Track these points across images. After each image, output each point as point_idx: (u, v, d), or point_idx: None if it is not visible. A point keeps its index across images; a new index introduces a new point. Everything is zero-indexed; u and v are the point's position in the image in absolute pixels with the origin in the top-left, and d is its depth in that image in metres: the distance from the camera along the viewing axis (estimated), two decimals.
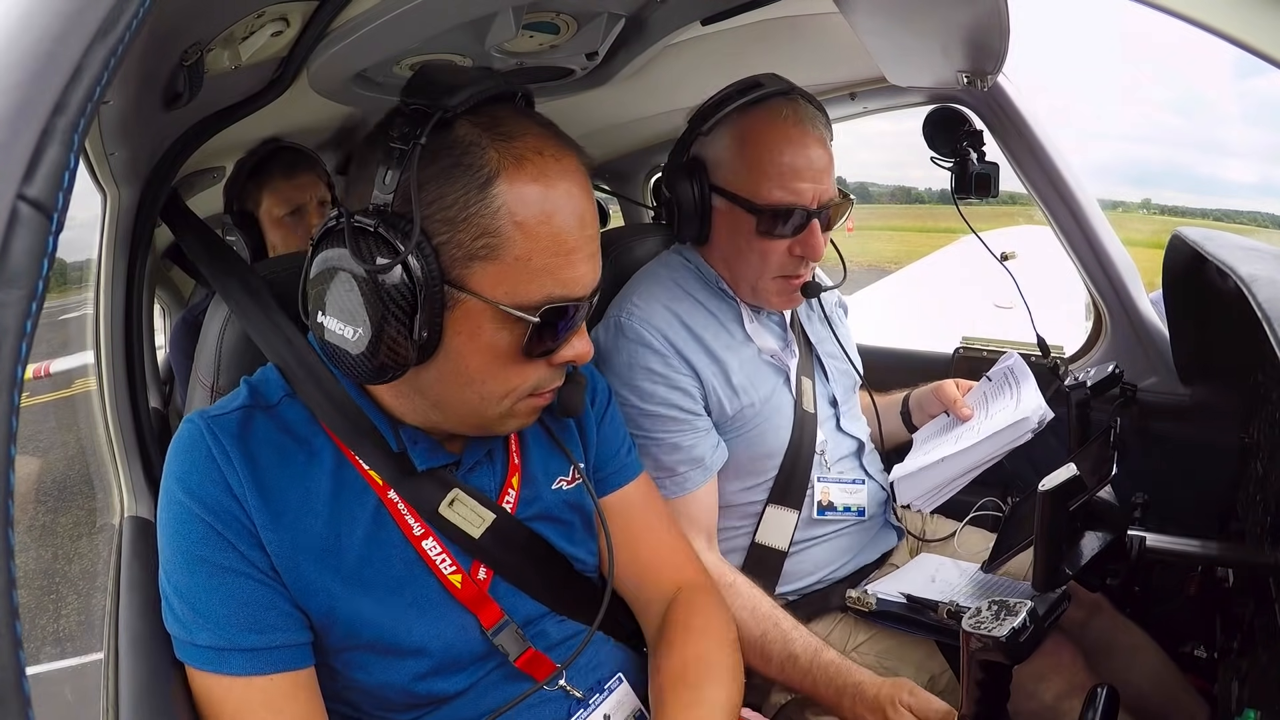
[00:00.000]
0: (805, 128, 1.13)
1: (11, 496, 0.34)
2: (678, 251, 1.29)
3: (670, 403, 1.14)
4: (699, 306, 1.22)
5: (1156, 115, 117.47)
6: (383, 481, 0.81)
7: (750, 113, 1.15)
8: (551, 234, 0.72)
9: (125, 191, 0.96)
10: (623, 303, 1.20)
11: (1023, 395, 1.28)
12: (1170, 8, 0.59)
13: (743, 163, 1.14)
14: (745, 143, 1.14)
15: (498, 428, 0.82)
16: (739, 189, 1.15)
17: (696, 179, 1.17)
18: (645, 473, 1.04)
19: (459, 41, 1.06)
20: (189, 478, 0.74)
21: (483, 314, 0.72)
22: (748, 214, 1.15)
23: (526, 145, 0.71)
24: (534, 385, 0.78)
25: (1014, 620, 0.71)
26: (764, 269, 1.18)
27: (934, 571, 1.28)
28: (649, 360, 1.14)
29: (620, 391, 1.13)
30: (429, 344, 0.72)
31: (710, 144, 1.18)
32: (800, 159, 1.12)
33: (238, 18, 0.79)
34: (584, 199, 0.75)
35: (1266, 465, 0.85)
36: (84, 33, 0.35)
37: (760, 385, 1.22)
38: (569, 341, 0.78)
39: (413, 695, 0.81)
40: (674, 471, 1.14)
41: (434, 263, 0.69)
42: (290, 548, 0.75)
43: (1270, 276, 0.77)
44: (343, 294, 0.70)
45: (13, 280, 0.32)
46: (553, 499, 0.91)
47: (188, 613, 0.73)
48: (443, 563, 0.82)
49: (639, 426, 1.13)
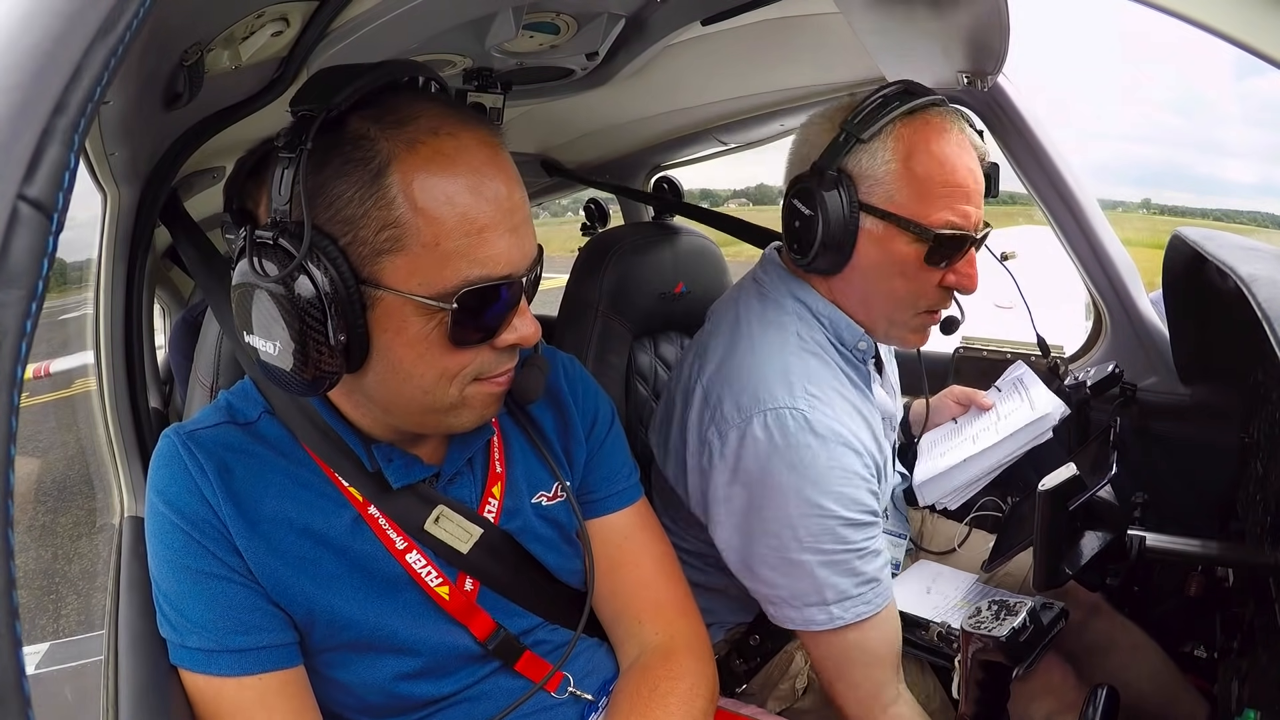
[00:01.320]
0: (968, 144, 1.01)
1: (11, 496, 0.34)
2: (799, 298, 1.08)
3: (872, 508, 0.99)
4: (851, 386, 1.05)
5: (1156, 115, 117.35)
6: (362, 498, 0.80)
7: (915, 122, 0.99)
8: (457, 214, 0.68)
9: (125, 191, 0.96)
10: (785, 388, 0.98)
11: (1035, 397, 1.29)
12: (1170, 8, 0.59)
13: (910, 181, 0.98)
14: (914, 157, 0.98)
15: (456, 422, 0.77)
16: (905, 210, 0.98)
17: (846, 196, 1.00)
18: (642, 503, 0.99)
19: (459, 41, 1.06)
20: (168, 490, 0.76)
21: (403, 308, 0.69)
22: (916, 240, 0.98)
23: (420, 128, 0.68)
24: (477, 371, 0.75)
25: (1014, 620, 0.71)
26: (914, 304, 1.04)
27: (931, 581, 1.28)
28: (852, 463, 0.97)
29: (819, 501, 0.95)
30: (354, 348, 0.70)
31: (864, 155, 1.00)
32: (970, 179, 1.00)
33: (238, 18, 0.79)
34: (493, 171, 0.70)
35: (1266, 465, 0.85)
36: (84, 33, 0.35)
37: (887, 452, 1.11)
38: (508, 324, 0.74)
39: (394, 696, 0.81)
40: (878, 581, 0.99)
41: (343, 265, 0.67)
42: (266, 555, 0.76)
43: (1270, 276, 0.77)
44: (261, 311, 0.68)
45: (13, 280, 0.32)
46: (532, 512, 0.90)
47: (177, 618, 0.75)
48: (429, 575, 0.82)
49: (842, 541, 0.96)
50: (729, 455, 0.99)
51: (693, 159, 2.22)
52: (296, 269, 0.65)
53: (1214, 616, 1.06)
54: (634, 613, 0.93)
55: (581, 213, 2.46)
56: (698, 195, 2.03)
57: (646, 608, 0.94)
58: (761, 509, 0.97)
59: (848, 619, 0.97)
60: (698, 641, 0.94)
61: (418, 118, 0.69)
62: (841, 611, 0.97)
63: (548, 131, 1.98)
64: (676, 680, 0.87)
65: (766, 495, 0.97)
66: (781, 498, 0.95)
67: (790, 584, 0.99)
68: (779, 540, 0.97)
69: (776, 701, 1.18)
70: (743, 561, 1.02)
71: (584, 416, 0.95)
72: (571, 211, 3.32)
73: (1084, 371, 1.47)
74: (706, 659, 0.93)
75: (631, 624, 0.93)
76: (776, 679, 1.19)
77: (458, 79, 1.26)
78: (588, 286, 1.38)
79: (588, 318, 1.37)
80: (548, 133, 1.99)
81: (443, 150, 0.68)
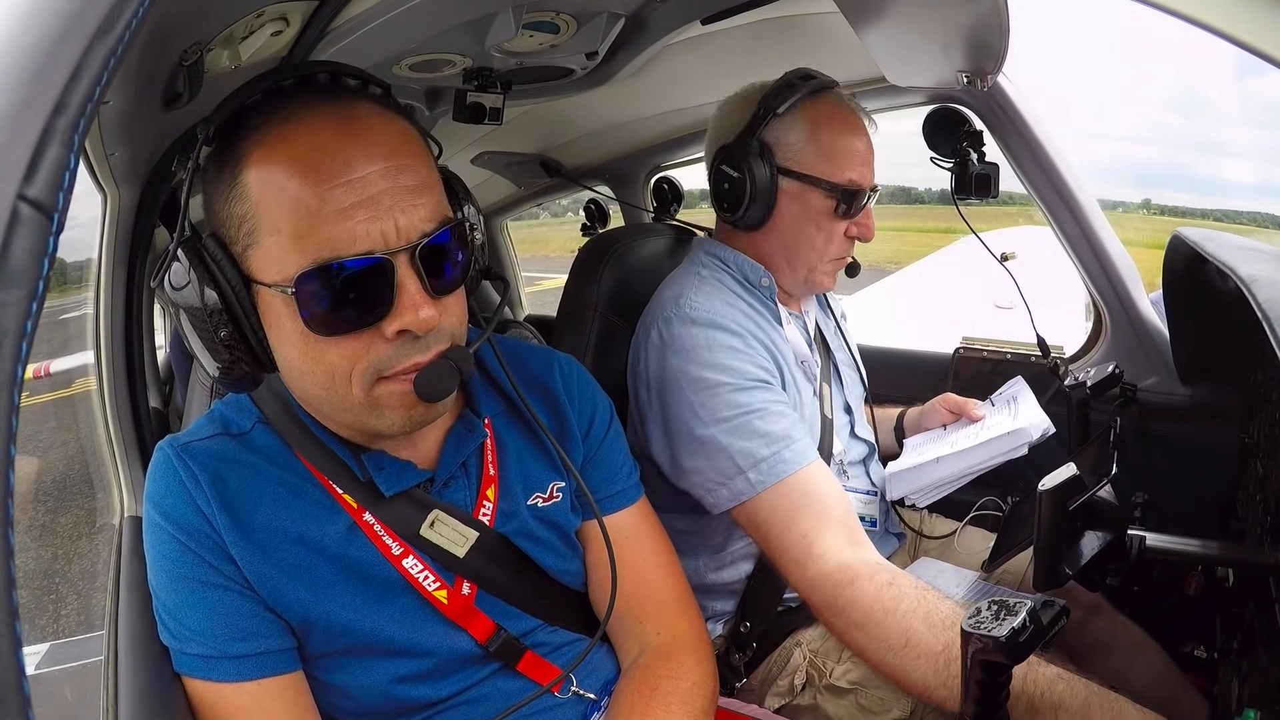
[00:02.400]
0: (860, 117, 1.22)
1: (11, 496, 0.34)
2: (710, 252, 1.27)
3: (759, 376, 1.09)
4: (749, 307, 1.20)
5: (1156, 115, 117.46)
6: (357, 505, 0.81)
7: (819, 100, 1.20)
8: (291, 195, 0.65)
9: (125, 191, 0.96)
10: (674, 301, 1.16)
11: (1019, 411, 1.29)
12: (1170, 8, 0.59)
13: (817, 146, 1.17)
14: (819, 127, 1.18)
15: (381, 425, 0.74)
16: (815, 170, 1.17)
17: (766, 161, 1.18)
18: (643, 503, 0.99)
19: (459, 41, 1.06)
20: (163, 501, 0.77)
21: (274, 301, 0.69)
22: (826, 195, 1.17)
23: (277, 119, 0.68)
24: (375, 366, 0.70)
25: (1014, 620, 0.71)
26: (826, 251, 1.21)
27: (932, 580, 1.27)
28: (728, 340, 1.11)
29: (703, 374, 1.07)
30: (253, 346, 0.71)
31: (780, 128, 1.19)
32: (861, 144, 1.20)
33: (237, 18, 0.79)
34: (340, 145, 0.66)
35: (1266, 465, 0.85)
36: (84, 33, 0.35)
37: (800, 388, 1.21)
38: (393, 311, 0.68)
39: (392, 699, 0.81)
40: (789, 438, 1.04)
41: (227, 268, 0.69)
42: (261, 563, 0.76)
43: (1270, 277, 0.77)
44: (181, 321, 0.71)
45: (13, 280, 0.32)
46: (528, 514, 0.89)
47: (176, 626, 0.75)
48: (426, 580, 0.81)
49: (735, 406, 1.06)
50: (641, 370, 1.16)
51: (693, 159, 2.22)
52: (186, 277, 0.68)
53: (1214, 616, 1.06)
54: (635, 612, 0.93)
55: (581, 213, 2.46)
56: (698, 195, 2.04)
57: (647, 607, 0.93)
58: (666, 402, 1.10)
59: (769, 481, 1.02)
60: (699, 641, 0.94)
61: (279, 111, 0.69)
62: (760, 475, 1.03)
63: (548, 131, 1.98)
64: (677, 680, 0.87)
65: (666, 386, 1.11)
66: (675, 383, 1.09)
67: (709, 463, 1.06)
68: (686, 424, 1.08)
69: (775, 698, 1.18)
70: (672, 463, 1.11)
71: (581, 417, 0.95)
72: (571, 212, 3.32)
73: (1084, 371, 1.47)
74: (707, 659, 0.93)
75: (632, 623, 0.93)
76: (775, 675, 1.20)
77: (458, 79, 1.26)
78: (586, 287, 1.38)
79: (586, 318, 1.37)
80: (548, 133, 1.99)
81: (284, 135, 0.68)
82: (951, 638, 0.85)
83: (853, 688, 1.13)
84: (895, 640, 0.88)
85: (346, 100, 0.70)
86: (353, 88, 0.74)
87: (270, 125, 0.68)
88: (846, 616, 0.93)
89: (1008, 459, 1.23)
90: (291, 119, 0.68)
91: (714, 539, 1.22)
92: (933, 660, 0.85)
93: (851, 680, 1.14)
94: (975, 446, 1.24)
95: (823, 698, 1.15)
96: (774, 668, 1.20)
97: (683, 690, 0.86)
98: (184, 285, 0.68)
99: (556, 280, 1.57)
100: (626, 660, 0.93)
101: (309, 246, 0.66)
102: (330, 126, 0.67)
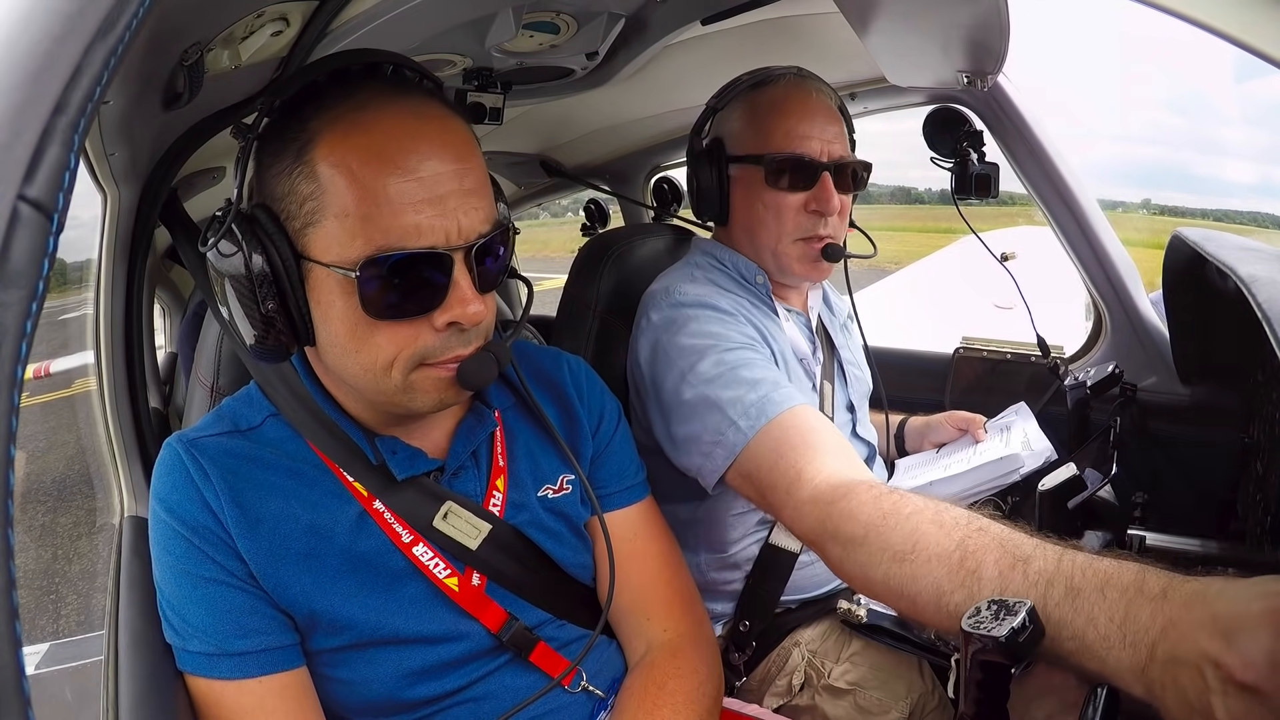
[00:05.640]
0: (809, 92, 1.20)
1: (11, 496, 0.34)
2: (706, 251, 1.28)
3: (745, 343, 1.09)
4: (743, 301, 1.19)
5: (1156, 115, 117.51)
6: (368, 493, 0.81)
7: (760, 87, 1.21)
8: (364, 182, 0.68)
9: (125, 192, 0.95)
10: (664, 291, 1.17)
11: (1013, 436, 1.29)
12: (1170, 8, 0.59)
13: (752, 126, 1.19)
14: (755, 110, 1.20)
15: (411, 405, 0.77)
16: (749, 149, 1.19)
17: (714, 157, 1.21)
18: (649, 501, 0.99)
19: (459, 41, 1.06)
20: (170, 497, 0.77)
21: (328, 280, 0.71)
22: (756, 168, 1.17)
23: (348, 105, 0.70)
24: (420, 354, 0.73)
25: (1014, 620, 0.70)
26: (780, 229, 1.18)
27: None
28: (716, 315, 1.11)
29: (691, 342, 1.07)
30: (295, 320, 0.73)
31: (724, 121, 1.23)
32: (804, 117, 1.17)
33: (238, 18, 0.79)
34: (413, 140, 0.70)
35: (1266, 465, 0.85)
36: (84, 33, 0.35)
37: (798, 383, 1.21)
38: (445, 302, 0.72)
39: (397, 694, 0.81)
40: (776, 384, 1.02)
41: (280, 241, 0.70)
42: (268, 554, 0.77)
43: (1270, 277, 0.77)
44: (222, 286, 0.72)
45: (13, 280, 0.32)
46: (539, 505, 0.90)
47: (180, 623, 0.76)
48: (436, 567, 0.82)
49: (721, 364, 1.04)
50: (635, 356, 1.16)
51: None
52: (236, 246, 0.69)
53: None
54: (641, 609, 0.94)
55: (582, 213, 2.46)
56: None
57: (654, 604, 0.94)
58: (658, 378, 1.10)
59: (757, 424, 0.98)
60: (704, 639, 0.94)
61: (352, 96, 0.71)
62: (749, 420, 0.98)
63: (548, 131, 1.98)
64: (684, 678, 0.87)
65: (657, 363, 1.11)
66: (666, 357, 1.10)
67: (702, 424, 1.02)
68: (677, 392, 1.06)
69: (774, 698, 1.18)
70: (670, 439, 1.08)
71: (590, 414, 0.96)
72: (571, 212, 3.32)
73: (1084, 371, 1.47)
74: (713, 657, 0.93)
75: (639, 620, 0.94)
76: (774, 675, 1.20)
77: (458, 79, 1.26)
78: (586, 287, 1.38)
79: (585, 318, 1.37)
80: (548, 133, 1.99)
81: (360, 122, 0.70)
82: (965, 535, 0.73)
83: (851, 688, 1.14)
84: (901, 545, 0.74)
85: (417, 97, 0.73)
86: (413, 82, 0.76)
87: (344, 110, 0.70)
88: (843, 533, 0.79)
89: (1001, 485, 1.23)
90: (367, 107, 0.70)
91: (716, 533, 1.22)
92: (945, 559, 0.71)
93: (850, 681, 1.14)
94: (967, 471, 1.24)
95: (821, 698, 1.15)
96: (773, 668, 1.20)
97: (690, 688, 0.87)
98: (233, 253, 0.69)
99: (556, 280, 1.57)
100: (633, 657, 0.93)
101: (375, 234, 0.68)
102: (405, 122, 0.70)
